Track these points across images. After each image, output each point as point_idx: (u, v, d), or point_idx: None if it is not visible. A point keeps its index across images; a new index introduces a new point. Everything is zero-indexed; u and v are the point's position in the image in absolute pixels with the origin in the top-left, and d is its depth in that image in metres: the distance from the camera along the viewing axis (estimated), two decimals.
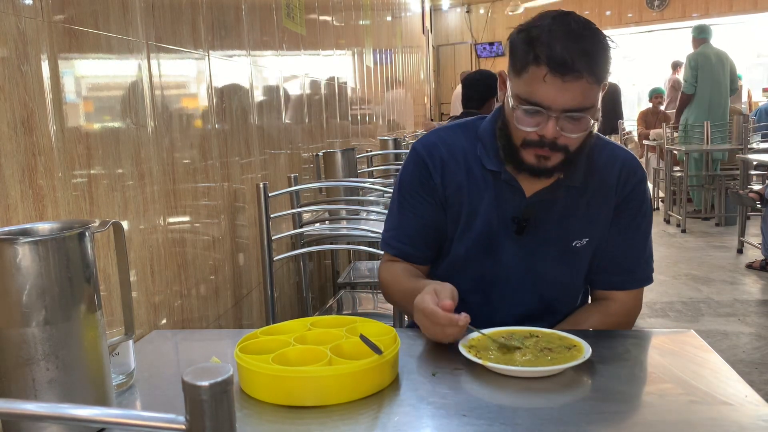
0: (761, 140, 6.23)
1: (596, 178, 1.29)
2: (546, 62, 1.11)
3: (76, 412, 0.51)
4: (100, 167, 1.27)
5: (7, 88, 1.02)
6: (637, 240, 1.34)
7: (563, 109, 1.14)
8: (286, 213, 2.20)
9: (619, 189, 1.30)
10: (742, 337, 3.37)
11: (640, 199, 1.32)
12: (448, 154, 1.33)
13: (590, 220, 1.30)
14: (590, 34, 1.13)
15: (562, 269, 1.33)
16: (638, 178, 1.32)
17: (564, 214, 1.29)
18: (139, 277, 1.42)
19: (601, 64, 1.14)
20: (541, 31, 1.13)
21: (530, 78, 1.14)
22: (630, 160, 1.33)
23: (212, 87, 1.87)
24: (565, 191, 1.28)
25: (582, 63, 1.10)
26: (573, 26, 1.13)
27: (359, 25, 4.55)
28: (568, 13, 1.16)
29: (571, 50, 1.10)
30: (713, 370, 1.06)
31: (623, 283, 1.35)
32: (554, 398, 0.97)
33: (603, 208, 1.31)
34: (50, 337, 0.82)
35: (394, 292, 1.38)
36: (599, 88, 1.16)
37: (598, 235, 1.32)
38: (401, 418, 0.91)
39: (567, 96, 1.12)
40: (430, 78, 10.35)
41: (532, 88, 1.14)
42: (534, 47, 1.13)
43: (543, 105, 1.14)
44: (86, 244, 0.86)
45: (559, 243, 1.30)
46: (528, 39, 1.14)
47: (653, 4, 9.98)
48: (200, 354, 1.28)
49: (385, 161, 4.07)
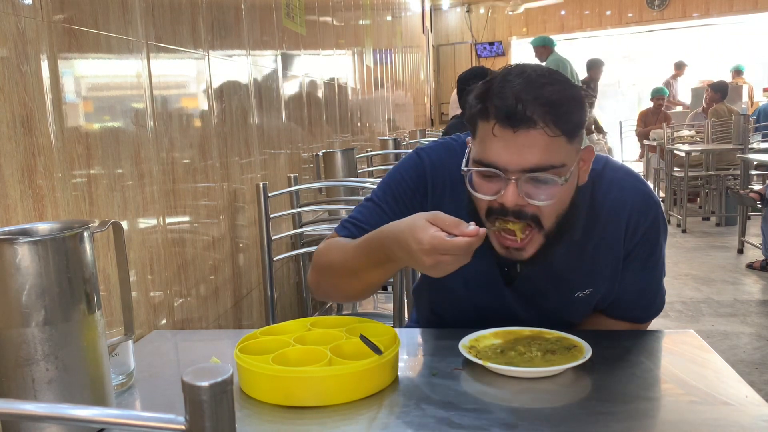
0: (761, 140, 6.23)
1: (601, 228, 1.14)
2: (494, 113, 0.97)
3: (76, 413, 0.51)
4: (99, 167, 1.27)
5: (6, 88, 1.02)
6: (654, 278, 1.24)
7: (522, 169, 0.98)
8: (286, 213, 2.20)
9: (628, 238, 1.15)
10: (743, 337, 3.37)
11: (653, 241, 1.18)
12: (452, 181, 1.16)
13: (594, 273, 1.17)
14: (550, 81, 0.98)
15: (563, 315, 1.22)
16: (650, 219, 1.15)
17: (562, 269, 1.16)
18: (138, 277, 1.41)
19: (564, 113, 0.96)
20: (493, 83, 1.00)
21: (482, 135, 1.00)
22: (639, 199, 1.15)
23: (212, 87, 1.87)
24: (565, 245, 1.11)
25: (536, 110, 0.95)
26: (531, 75, 0.98)
27: (359, 25, 4.55)
28: (527, 64, 1.02)
29: (524, 99, 0.95)
30: (713, 370, 1.06)
31: (638, 318, 1.28)
32: (554, 398, 0.97)
33: (609, 260, 1.17)
34: (50, 337, 0.82)
35: (337, 255, 1.14)
36: (567, 142, 0.98)
37: (604, 286, 1.20)
38: (401, 418, 0.91)
39: (523, 152, 0.96)
40: (430, 78, 10.35)
41: (484, 146, 1.00)
42: (483, 100, 0.99)
43: (498, 166, 0.98)
44: (86, 244, 0.86)
45: (558, 294, 1.19)
46: (479, 93, 1.01)
47: (653, 4, 9.97)
48: (200, 354, 1.28)
49: (385, 161, 4.07)
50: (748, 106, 7.98)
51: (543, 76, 0.99)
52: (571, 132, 0.98)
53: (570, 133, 0.98)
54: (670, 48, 10.17)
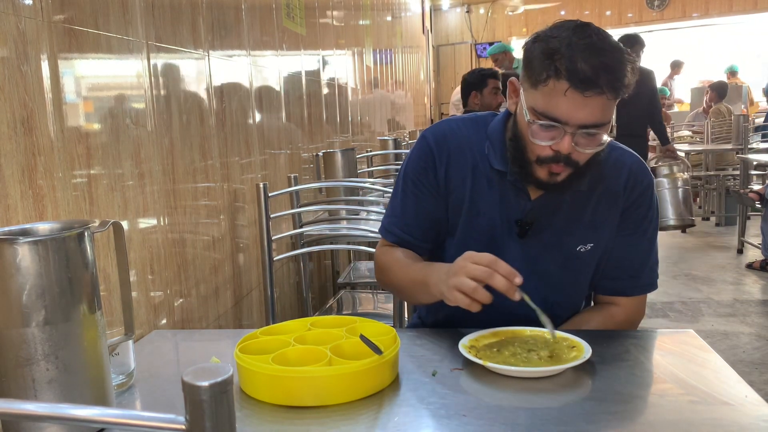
0: (761, 140, 6.23)
1: (602, 184, 1.27)
2: (567, 77, 1.07)
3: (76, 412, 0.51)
4: (100, 167, 1.27)
5: (7, 88, 1.02)
6: (643, 246, 1.32)
7: (580, 125, 1.11)
8: (286, 213, 2.20)
9: (626, 195, 1.28)
10: (742, 337, 3.37)
11: (646, 205, 1.30)
12: (456, 147, 1.30)
13: (595, 226, 1.28)
14: (611, 48, 1.10)
15: (566, 273, 1.31)
16: (645, 185, 1.30)
17: (569, 219, 1.28)
18: (139, 277, 1.42)
19: (622, 80, 1.10)
20: (560, 44, 1.09)
21: (549, 91, 1.10)
22: (637, 166, 1.31)
23: (212, 87, 1.87)
24: (571, 196, 1.26)
25: (604, 79, 1.07)
26: (594, 39, 1.09)
27: (359, 25, 4.55)
28: (587, 25, 1.12)
29: (594, 65, 1.07)
30: (713, 370, 1.06)
31: (627, 289, 1.34)
32: (554, 398, 0.97)
33: (609, 214, 1.29)
34: (50, 337, 0.82)
35: (396, 272, 1.33)
36: (615, 103, 1.13)
37: (603, 240, 1.30)
38: (401, 418, 0.91)
39: (586, 112, 1.10)
40: (430, 78, 10.35)
41: (551, 102, 1.11)
42: (554, 60, 1.09)
43: (561, 120, 1.11)
44: (86, 244, 0.86)
45: (563, 248, 1.29)
46: (547, 51, 1.10)
47: (653, 4, 9.98)
48: (200, 354, 1.28)
49: (385, 161, 4.07)
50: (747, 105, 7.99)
51: (604, 40, 1.11)
52: (623, 95, 1.12)
53: (622, 95, 1.12)
54: (670, 48, 10.17)
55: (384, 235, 1.39)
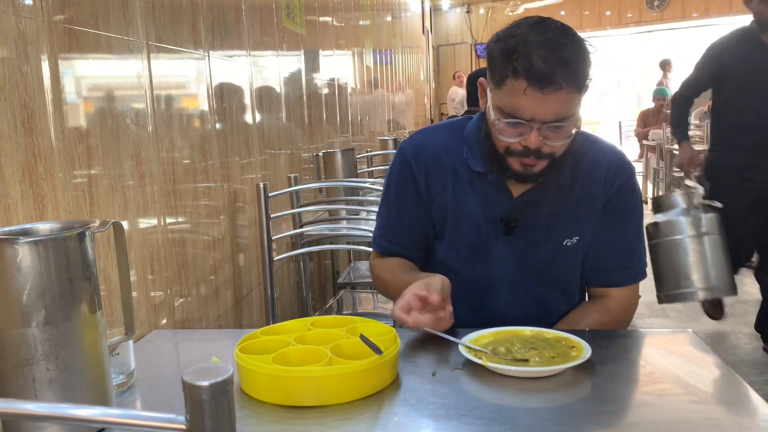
0: None
1: (583, 177, 1.29)
2: (525, 75, 1.09)
3: (76, 412, 0.51)
4: (100, 167, 1.27)
5: (7, 89, 1.02)
6: (629, 235, 1.34)
7: (544, 121, 1.13)
8: (286, 213, 2.20)
9: (607, 187, 1.30)
10: (742, 337, 3.37)
11: (629, 195, 1.32)
12: (433, 155, 1.33)
13: (579, 219, 1.30)
14: (568, 42, 1.11)
15: (555, 268, 1.33)
16: (626, 175, 1.32)
17: (552, 214, 1.29)
18: (139, 277, 1.42)
19: (581, 73, 1.12)
20: (518, 42, 1.11)
21: (510, 91, 1.13)
22: (617, 157, 1.33)
23: (212, 87, 1.87)
24: (553, 191, 1.27)
25: (561, 74, 1.08)
26: (550, 35, 1.10)
27: (359, 25, 4.55)
28: (545, 20, 1.14)
29: (550, 62, 1.08)
30: (713, 370, 1.06)
31: (618, 279, 1.35)
32: (554, 398, 0.97)
33: (591, 207, 1.31)
34: (50, 337, 0.82)
35: (388, 284, 1.40)
36: (580, 96, 1.14)
37: (588, 233, 1.32)
38: (401, 418, 0.92)
39: (548, 108, 1.11)
40: (430, 78, 10.36)
41: (512, 101, 1.13)
42: (512, 59, 1.11)
43: (524, 118, 1.13)
44: (86, 244, 0.86)
45: (549, 243, 1.31)
46: (505, 51, 1.12)
47: (653, 4, 9.98)
48: (200, 354, 1.28)
49: (385, 161, 4.07)
50: None
51: (561, 35, 1.11)
52: (584, 87, 1.14)
53: (583, 88, 1.14)
54: (670, 48, 10.17)
55: (374, 247, 1.45)
